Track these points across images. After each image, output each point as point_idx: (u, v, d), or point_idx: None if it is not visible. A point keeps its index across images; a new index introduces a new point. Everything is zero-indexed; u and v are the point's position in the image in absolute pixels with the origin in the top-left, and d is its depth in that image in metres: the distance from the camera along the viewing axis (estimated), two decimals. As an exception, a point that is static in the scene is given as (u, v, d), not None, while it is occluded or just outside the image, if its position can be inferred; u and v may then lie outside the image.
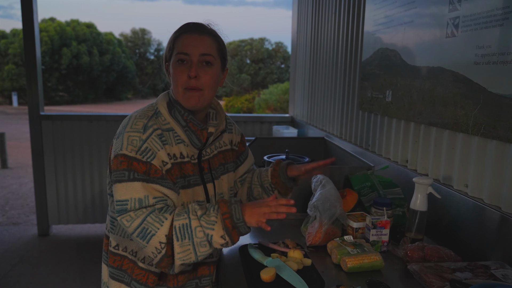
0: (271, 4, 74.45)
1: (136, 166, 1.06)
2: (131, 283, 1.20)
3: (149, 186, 1.06)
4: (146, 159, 1.07)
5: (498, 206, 1.32)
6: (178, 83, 1.13)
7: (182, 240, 1.03)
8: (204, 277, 1.26)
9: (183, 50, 1.13)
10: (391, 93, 2.00)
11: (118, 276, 1.22)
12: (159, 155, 1.09)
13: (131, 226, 1.05)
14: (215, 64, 1.17)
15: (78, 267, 3.33)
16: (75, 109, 21.54)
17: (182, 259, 1.04)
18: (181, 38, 1.15)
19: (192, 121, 1.16)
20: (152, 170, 1.07)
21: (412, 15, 1.81)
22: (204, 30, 1.17)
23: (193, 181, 1.17)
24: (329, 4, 3.04)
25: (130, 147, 1.07)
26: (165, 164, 1.10)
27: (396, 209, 1.60)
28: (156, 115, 1.16)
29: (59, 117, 3.86)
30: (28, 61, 3.69)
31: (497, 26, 1.30)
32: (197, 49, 1.13)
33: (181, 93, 1.14)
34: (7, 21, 59.30)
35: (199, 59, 1.13)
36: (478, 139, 1.40)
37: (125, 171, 1.06)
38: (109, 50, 25.77)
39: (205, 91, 1.15)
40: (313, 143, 2.69)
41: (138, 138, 1.08)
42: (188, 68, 1.12)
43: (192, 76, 1.11)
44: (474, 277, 1.13)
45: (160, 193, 1.08)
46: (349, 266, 1.22)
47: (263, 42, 27.39)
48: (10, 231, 4.17)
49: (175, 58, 1.14)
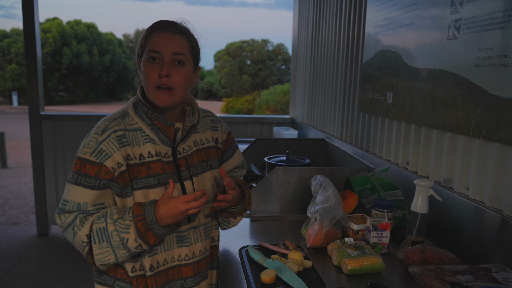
0: (272, 6, 74.61)
1: (89, 167, 1.09)
2: (115, 284, 1.21)
3: (92, 193, 1.10)
4: (100, 160, 1.09)
5: (499, 209, 1.31)
6: (149, 82, 1.13)
7: (100, 243, 1.08)
8: (189, 278, 1.24)
9: (154, 48, 1.12)
10: (392, 95, 2.00)
11: (100, 279, 1.24)
12: (114, 156, 1.10)
13: (62, 224, 1.12)
14: (187, 64, 1.16)
15: (77, 268, 3.33)
16: (75, 109, 21.54)
17: (100, 260, 1.10)
18: (153, 36, 1.14)
19: (157, 119, 1.16)
20: (102, 172, 1.09)
21: (413, 17, 1.81)
22: (176, 29, 1.16)
23: (163, 179, 1.16)
24: (330, 5, 3.04)
25: (85, 150, 1.11)
26: (120, 166, 1.11)
27: (397, 211, 1.60)
28: (123, 116, 1.17)
29: (59, 117, 3.86)
30: (28, 60, 3.69)
31: (499, 29, 1.30)
32: (169, 48, 1.12)
33: (151, 91, 1.14)
34: (9, 20, 59.44)
35: (171, 58, 1.13)
36: (479, 141, 1.40)
37: (75, 174, 1.10)
38: (110, 50, 25.78)
39: (176, 90, 1.14)
40: (313, 145, 2.69)
41: (95, 140, 1.11)
42: (160, 66, 1.12)
43: (163, 75, 1.11)
44: (475, 280, 1.12)
45: (101, 200, 1.12)
46: (350, 268, 1.22)
47: (266, 44, 27.41)
48: (9, 231, 4.17)
49: (147, 56, 1.13)
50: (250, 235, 1.59)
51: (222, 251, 1.41)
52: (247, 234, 1.59)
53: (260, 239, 1.53)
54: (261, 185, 1.73)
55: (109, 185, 1.12)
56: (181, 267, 1.22)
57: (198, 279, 1.26)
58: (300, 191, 1.73)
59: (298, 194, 1.74)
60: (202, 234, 1.24)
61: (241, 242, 1.46)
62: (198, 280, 1.26)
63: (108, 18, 72.01)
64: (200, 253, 1.25)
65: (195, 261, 1.24)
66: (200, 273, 1.26)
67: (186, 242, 1.21)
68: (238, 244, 1.43)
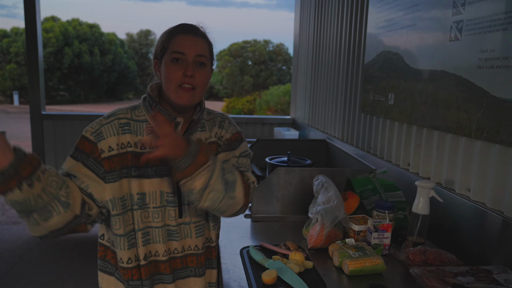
0: (273, 6, 74.57)
1: (86, 145, 1.15)
2: (115, 273, 1.24)
3: (79, 166, 1.13)
4: (95, 140, 1.15)
5: (500, 211, 1.31)
6: (172, 81, 1.16)
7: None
8: (177, 270, 1.25)
9: (179, 50, 1.16)
10: (393, 96, 2.00)
11: (103, 266, 1.27)
12: (109, 140, 1.15)
13: None
14: (207, 65, 1.21)
15: (77, 267, 3.33)
16: (76, 108, 21.54)
17: None
18: (176, 37, 1.18)
19: (161, 111, 1.19)
20: (93, 151, 1.15)
21: (415, 18, 1.81)
22: (197, 32, 1.21)
23: (160, 171, 1.18)
24: (332, 6, 3.04)
25: (89, 129, 1.18)
26: (110, 150, 1.15)
27: (398, 212, 1.60)
28: (134, 108, 1.23)
29: (61, 116, 3.86)
30: (30, 60, 3.70)
31: (501, 30, 1.30)
32: (193, 50, 1.17)
33: (174, 90, 1.17)
34: (10, 20, 59.43)
35: (194, 60, 1.17)
36: (481, 143, 1.40)
37: (74, 149, 1.16)
38: (111, 50, 25.79)
39: (197, 90, 1.18)
40: (314, 145, 2.69)
41: (99, 122, 1.18)
42: (184, 67, 1.16)
43: (189, 75, 1.15)
44: (476, 281, 1.12)
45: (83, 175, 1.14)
46: (351, 269, 1.22)
47: (267, 44, 27.40)
48: (10, 230, 4.17)
49: (170, 56, 1.17)
50: (251, 235, 1.59)
51: (223, 251, 1.41)
52: (248, 235, 1.59)
53: (261, 239, 1.53)
54: (263, 186, 1.73)
55: (91, 164, 1.14)
56: (170, 260, 1.23)
57: (187, 273, 1.26)
58: (301, 191, 1.73)
59: (299, 195, 1.74)
60: (193, 231, 1.25)
61: (242, 243, 1.46)
62: (187, 274, 1.26)
63: (109, 18, 72.07)
64: (189, 248, 1.25)
65: (184, 255, 1.25)
66: (190, 268, 1.26)
67: (177, 237, 1.23)
68: (239, 245, 1.43)
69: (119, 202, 1.17)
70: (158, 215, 1.19)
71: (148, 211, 1.19)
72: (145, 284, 1.20)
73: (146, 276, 1.20)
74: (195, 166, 1.05)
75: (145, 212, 1.19)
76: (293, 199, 1.74)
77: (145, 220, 1.19)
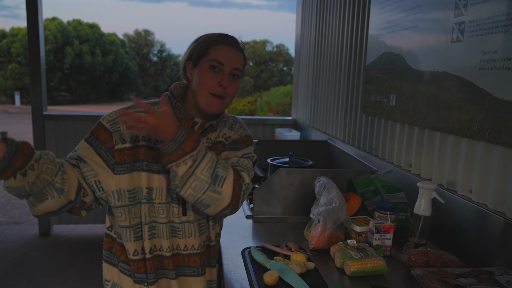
0: (275, 8, 74.64)
1: (102, 132, 1.18)
2: (119, 265, 1.26)
3: (92, 152, 1.17)
4: (112, 130, 1.18)
5: (502, 212, 1.31)
6: (206, 86, 1.19)
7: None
8: (180, 267, 1.26)
9: (219, 59, 1.19)
10: (395, 97, 2.00)
11: (108, 257, 1.28)
12: (124, 132, 1.18)
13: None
14: (240, 79, 1.26)
15: (79, 267, 3.33)
16: (77, 109, 21.56)
17: None
18: (219, 47, 1.21)
19: (179, 109, 1.23)
20: (108, 139, 1.17)
21: (417, 19, 1.81)
22: (238, 46, 1.25)
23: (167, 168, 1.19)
24: (334, 7, 3.04)
25: (107, 117, 1.20)
26: (124, 142, 1.18)
27: (400, 213, 1.60)
28: (154, 104, 1.26)
29: (62, 117, 3.87)
30: (32, 60, 3.70)
31: (503, 32, 1.30)
32: (232, 63, 1.21)
33: (206, 96, 1.20)
34: (13, 21, 59.54)
35: (230, 72, 1.21)
36: (482, 144, 1.40)
37: (90, 134, 1.20)
38: (112, 51, 25.82)
39: (226, 100, 1.22)
40: (316, 146, 2.69)
41: (117, 112, 1.20)
42: (220, 76, 1.19)
43: (224, 86, 1.19)
44: (478, 283, 1.12)
45: (93, 162, 1.17)
46: (352, 270, 1.22)
47: (265, 45, 27.39)
48: (11, 231, 4.17)
49: (209, 63, 1.20)
50: (253, 236, 1.59)
51: (225, 252, 1.41)
52: (250, 235, 1.59)
53: (262, 240, 1.53)
54: (264, 187, 1.73)
55: (104, 153, 1.17)
56: (174, 256, 1.24)
57: (189, 272, 1.27)
58: (302, 192, 1.74)
59: (300, 196, 1.74)
60: (196, 230, 1.26)
61: (244, 243, 1.47)
62: (189, 273, 1.27)
63: (112, 19, 72.12)
64: (193, 247, 1.26)
65: (187, 254, 1.26)
66: (192, 267, 1.27)
67: (180, 234, 1.24)
68: (240, 245, 1.44)
69: (126, 194, 1.19)
70: (163, 211, 1.21)
71: (154, 206, 1.21)
72: (150, 277, 1.22)
73: (151, 270, 1.22)
74: (181, 152, 1.06)
75: (152, 206, 1.21)
76: (294, 200, 1.74)
77: (152, 214, 1.21)
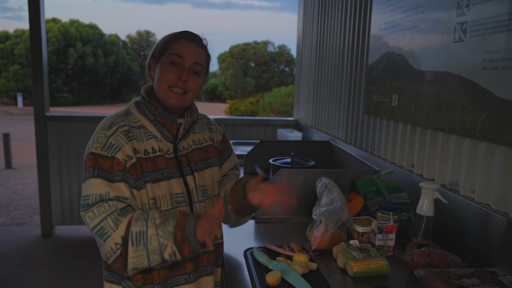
0: (277, 9, 74.75)
1: (102, 162, 1.12)
2: (122, 282, 1.22)
3: (112, 185, 1.11)
4: (111, 154, 1.12)
5: (505, 212, 1.31)
6: (165, 80, 1.19)
7: (136, 246, 1.07)
8: (192, 273, 1.24)
9: (179, 53, 1.19)
10: (397, 98, 2.00)
11: (109, 277, 1.25)
12: (124, 149, 1.14)
13: (91, 223, 1.10)
14: (202, 75, 1.25)
15: (81, 268, 3.34)
16: (80, 110, 21.60)
17: (134, 264, 1.08)
18: (180, 42, 1.22)
19: (160, 115, 1.21)
20: (115, 164, 1.12)
21: (419, 19, 1.81)
22: (200, 42, 1.25)
23: (167, 174, 1.20)
24: (335, 8, 3.04)
25: (96, 145, 1.14)
26: (130, 158, 1.15)
27: (402, 214, 1.59)
28: (126, 115, 1.22)
29: (65, 118, 3.87)
30: (34, 62, 3.71)
31: (505, 31, 1.29)
32: (192, 57, 1.20)
33: (163, 90, 1.19)
34: (17, 22, 59.83)
35: (191, 67, 1.20)
36: (485, 144, 1.40)
37: (91, 168, 1.12)
38: (114, 52, 25.87)
39: (188, 95, 1.21)
40: (318, 147, 2.69)
41: (103, 135, 1.15)
42: (179, 71, 1.19)
43: (182, 80, 1.18)
44: (481, 283, 1.12)
45: (121, 193, 1.12)
46: (355, 271, 1.22)
47: (266, 45, 27.40)
48: (14, 232, 4.18)
49: (169, 58, 1.19)
50: (255, 236, 1.59)
51: (227, 252, 1.41)
52: (252, 236, 1.59)
53: (265, 241, 1.53)
54: (266, 187, 1.72)
55: (124, 177, 1.12)
56: (185, 261, 1.22)
57: (199, 273, 1.26)
58: (304, 193, 1.73)
59: (303, 196, 1.74)
60: None
61: (246, 244, 1.46)
62: (199, 275, 1.26)
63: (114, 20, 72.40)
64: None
65: (196, 255, 1.24)
66: (201, 267, 1.26)
67: None
68: (243, 246, 1.43)
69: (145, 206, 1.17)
70: None
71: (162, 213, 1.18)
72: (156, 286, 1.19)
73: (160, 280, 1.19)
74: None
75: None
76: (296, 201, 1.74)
77: None
